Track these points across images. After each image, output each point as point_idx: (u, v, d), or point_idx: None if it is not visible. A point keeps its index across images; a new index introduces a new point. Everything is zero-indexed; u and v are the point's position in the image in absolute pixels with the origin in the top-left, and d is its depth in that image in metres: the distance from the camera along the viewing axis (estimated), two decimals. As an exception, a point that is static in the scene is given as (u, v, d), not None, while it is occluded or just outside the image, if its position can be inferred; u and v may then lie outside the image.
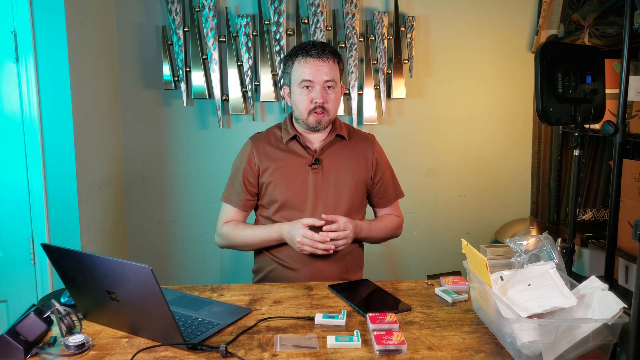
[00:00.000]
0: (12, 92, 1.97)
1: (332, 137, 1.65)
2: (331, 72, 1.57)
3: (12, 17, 1.94)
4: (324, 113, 1.58)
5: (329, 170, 1.64)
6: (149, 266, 1.02)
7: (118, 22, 2.56)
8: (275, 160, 1.64)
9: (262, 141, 1.68)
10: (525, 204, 2.84)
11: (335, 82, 1.60)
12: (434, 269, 2.79)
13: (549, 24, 2.57)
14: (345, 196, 1.63)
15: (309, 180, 1.62)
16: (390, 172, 1.77)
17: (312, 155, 1.64)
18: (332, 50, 1.59)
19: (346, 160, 1.66)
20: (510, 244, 1.34)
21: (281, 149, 1.65)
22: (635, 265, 1.96)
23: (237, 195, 1.68)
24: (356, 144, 1.70)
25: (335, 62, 1.60)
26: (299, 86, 1.58)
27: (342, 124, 1.72)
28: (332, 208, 1.62)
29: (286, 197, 1.61)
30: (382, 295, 1.42)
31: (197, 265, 2.74)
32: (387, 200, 1.75)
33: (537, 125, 2.75)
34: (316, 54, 1.56)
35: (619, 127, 1.48)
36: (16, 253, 2.04)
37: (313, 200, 1.61)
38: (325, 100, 1.57)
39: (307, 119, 1.59)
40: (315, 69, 1.56)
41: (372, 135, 1.77)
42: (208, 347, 1.11)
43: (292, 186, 1.62)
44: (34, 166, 2.00)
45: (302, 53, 1.57)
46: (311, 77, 1.56)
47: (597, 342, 1.03)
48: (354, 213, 1.66)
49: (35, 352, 1.09)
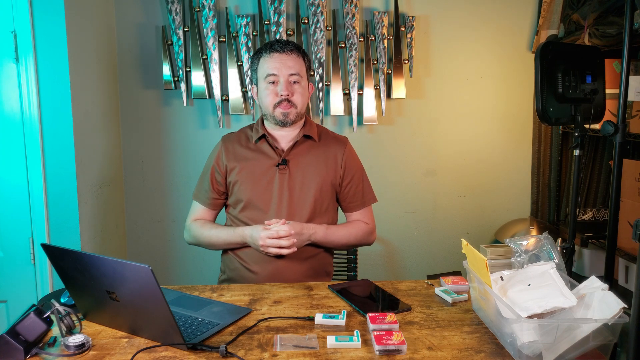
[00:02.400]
0: (12, 92, 1.97)
1: (300, 137, 1.64)
2: (295, 65, 1.58)
3: (12, 17, 1.94)
4: (290, 106, 1.58)
5: (296, 171, 1.62)
6: (149, 266, 1.02)
7: (118, 22, 2.56)
8: (243, 159, 1.64)
9: (232, 141, 1.69)
10: (525, 204, 2.84)
11: (301, 76, 1.60)
12: (434, 269, 2.79)
13: (549, 24, 2.57)
14: (309, 198, 1.61)
15: (274, 181, 1.61)
16: (361, 176, 1.72)
17: (279, 155, 1.63)
18: (295, 45, 1.62)
19: (314, 162, 1.64)
20: (510, 244, 1.34)
21: (250, 149, 1.65)
22: (635, 265, 1.96)
23: (205, 193, 1.69)
24: (326, 146, 1.68)
25: (299, 56, 1.61)
26: (265, 81, 1.59)
27: (312, 125, 1.70)
28: (296, 209, 1.60)
29: (251, 196, 1.61)
30: (382, 295, 1.42)
31: (197, 265, 2.74)
32: (356, 205, 1.71)
33: (537, 125, 2.75)
34: (279, 48, 1.58)
35: (619, 127, 1.48)
36: (16, 253, 2.03)
37: (277, 201, 1.60)
38: (290, 92, 1.58)
39: (273, 112, 1.59)
40: (280, 62, 1.57)
41: (345, 138, 1.74)
42: (208, 347, 1.11)
43: (257, 186, 1.61)
44: (34, 166, 2.00)
45: (266, 49, 1.60)
46: (275, 70, 1.57)
47: (597, 342, 1.03)
48: (319, 215, 1.64)
49: (35, 352, 1.09)
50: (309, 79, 1.68)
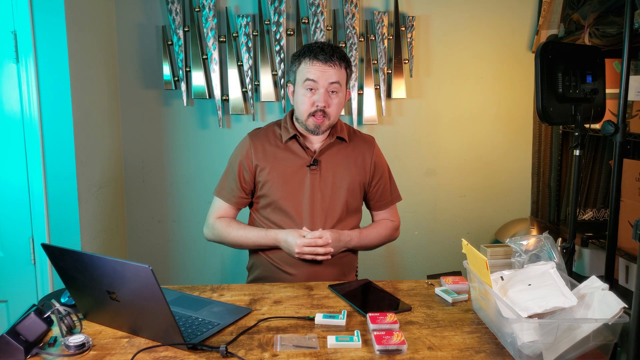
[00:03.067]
0: (12, 92, 1.97)
1: (332, 139, 1.63)
2: (337, 75, 1.55)
3: (12, 17, 1.94)
4: (324, 118, 1.55)
5: (327, 172, 1.62)
6: (149, 266, 1.02)
7: (118, 22, 2.56)
8: (273, 159, 1.62)
9: (260, 138, 1.65)
10: (525, 203, 2.84)
11: (341, 85, 1.56)
12: (434, 269, 2.79)
13: (549, 23, 2.57)
14: (341, 198, 1.62)
15: (306, 181, 1.60)
16: (389, 175, 1.75)
17: (311, 155, 1.62)
18: (340, 56, 1.56)
19: (344, 162, 1.64)
20: (511, 243, 1.34)
21: (280, 148, 1.63)
22: (635, 265, 1.96)
23: (230, 191, 1.66)
24: (355, 146, 1.68)
25: (342, 67, 1.57)
26: (303, 86, 1.56)
27: (343, 126, 1.69)
28: (328, 210, 1.61)
29: (282, 196, 1.60)
30: (382, 295, 1.42)
31: (197, 265, 2.74)
32: (384, 204, 1.74)
33: (537, 125, 2.75)
34: (324, 59, 1.53)
35: (619, 127, 1.48)
36: (16, 253, 2.03)
37: (309, 201, 1.60)
38: (327, 104, 1.55)
39: (306, 121, 1.57)
40: (321, 72, 1.53)
41: (372, 138, 1.74)
42: (208, 347, 1.11)
43: (288, 186, 1.60)
44: (34, 166, 2.00)
45: (310, 55, 1.55)
46: (315, 78, 1.53)
47: (597, 342, 1.03)
48: (350, 215, 1.65)
49: (36, 352, 1.09)
50: (348, 86, 1.65)
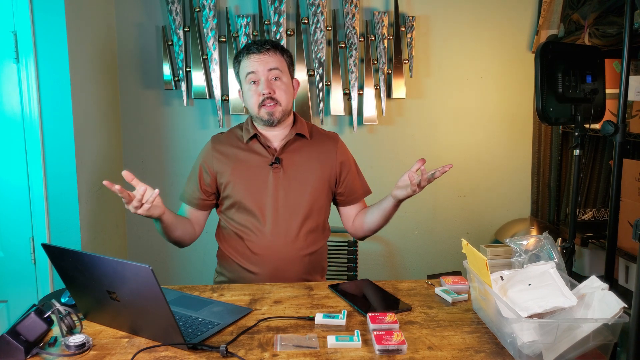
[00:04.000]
0: (13, 92, 1.97)
1: (292, 136, 1.63)
2: (274, 61, 1.57)
3: (12, 17, 1.94)
4: (275, 104, 1.57)
5: (290, 170, 1.62)
6: (149, 266, 1.02)
7: (118, 22, 2.56)
8: (235, 160, 1.63)
9: (222, 141, 1.67)
10: (525, 203, 2.84)
11: (281, 71, 1.58)
12: (434, 269, 2.80)
13: (549, 23, 2.57)
14: (306, 195, 1.61)
15: (269, 180, 1.60)
16: (356, 169, 1.74)
17: (272, 154, 1.62)
18: (273, 44, 1.60)
19: (308, 159, 1.64)
20: (511, 243, 1.34)
21: (241, 149, 1.64)
22: (635, 265, 1.96)
23: (192, 193, 1.68)
24: (319, 143, 1.68)
25: (278, 53, 1.59)
26: (246, 82, 1.59)
27: (303, 123, 1.69)
28: (293, 207, 1.60)
29: (245, 196, 1.60)
30: (382, 295, 1.42)
31: (197, 265, 2.74)
32: (355, 198, 1.73)
33: (537, 125, 2.75)
34: (257, 49, 1.57)
35: (619, 127, 1.48)
36: (16, 253, 2.04)
37: (273, 200, 1.59)
38: (272, 90, 1.56)
39: (259, 113, 1.58)
40: (258, 61, 1.56)
41: (336, 134, 1.74)
42: (208, 347, 1.11)
43: (251, 186, 1.60)
44: (34, 166, 2.00)
45: (244, 52, 1.59)
46: (254, 69, 1.56)
47: (597, 342, 1.03)
48: (315, 212, 1.64)
49: (36, 352, 1.09)
50: (293, 75, 1.66)
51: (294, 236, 1.60)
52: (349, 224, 1.76)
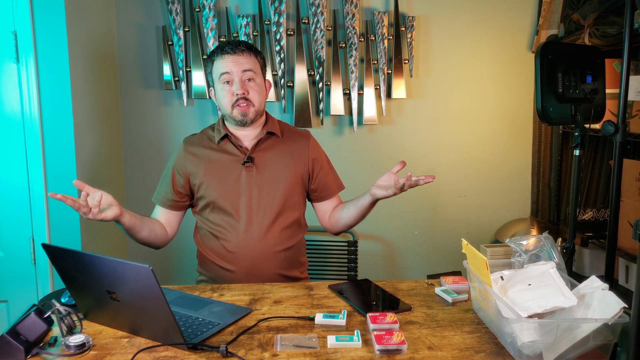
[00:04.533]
0: (13, 92, 1.97)
1: (263, 134, 1.64)
2: (248, 63, 1.58)
3: (12, 17, 1.94)
4: (248, 105, 1.58)
5: (262, 168, 1.63)
6: (149, 266, 1.02)
7: (118, 22, 2.56)
8: (207, 160, 1.64)
9: (194, 143, 1.68)
10: (525, 203, 2.84)
11: (255, 72, 1.59)
12: (434, 269, 2.80)
13: (549, 23, 2.57)
14: (278, 193, 1.62)
15: (241, 179, 1.61)
16: (328, 165, 1.76)
17: (244, 153, 1.63)
18: (247, 45, 1.61)
19: (280, 157, 1.65)
20: (511, 243, 1.34)
21: (213, 149, 1.65)
22: (635, 265, 1.96)
23: (164, 194, 1.68)
24: (290, 141, 1.69)
25: (252, 55, 1.60)
26: (220, 82, 1.59)
27: (275, 121, 1.70)
28: (266, 205, 1.61)
29: (219, 196, 1.61)
30: (382, 295, 1.42)
31: (197, 265, 2.74)
32: (329, 194, 1.74)
33: (537, 125, 2.75)
34: (230, 50, 1.57)
35: (619, 127, 1.48)
36: (17, 253, 2.04)
37: (246, 198, 1.61)
38: (245, 91, 1.57)
39: (232, 113, 1.59)
40: (232, 62, 1.57)
41: (307, 131, 1.76)
42: (208, 347, 1.11)
43: (224, 185, 1.61)
44: (35, 166, 2.00)
45: (218, 51, 1.60)
46: (228, 69, 1.57)
47: (597, 342, 1.03)
48: (289, 209, 1.65)
49: (36, 352, 1.09)
50: (265, 76, 1.67)
51: (268, 233, 1.61)
52: (324, 219, 1.77)
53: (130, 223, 1.54)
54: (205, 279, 1.69)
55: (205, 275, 1.69)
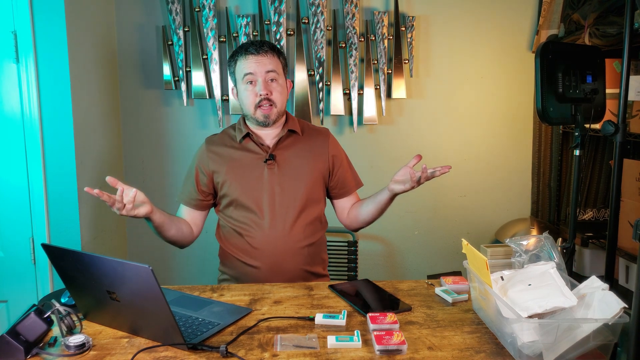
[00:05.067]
0: (13, 92, 1.97)
1: (284, 132, 1.67)
2: (271, 63, 1.60)
3: (12, 17, 1.94)
4: (271, 106, 1.60)
5: (284, 165, 1.65)
6: (149, 266, 1.02)
7: (118, 22, 2.56)
8: (229, 159, 1.66)
9: (216, 142, 1.71)
10: (525, 203, 2.84)
11: (278, 73, 1.62)
12: (434, 269, 2.79)
13: (549, 23, 2.57)
14: (301, 189, 1.64)
15: (264, 176, 1.63)
16: (347, 162, 1.79)
17: (266, 151, 1.65)
18: (270, 45, 1.63)
19: (301, 154, 1.68)
20: (511, 243, 1.34)
21: (235, 148, 1.67)
22: (635, 265, 1.96)
23: (189, 194, 1.71)
24: (310, 138, 1.72)
25: (275, 55, 1.63)
26: (243, 82, 1.61)
27: (295, 120, 1.73)
28: (289, 202, 1.63)
29: (242, 193, 1.63)
30: (382, 295, 1.42)
31: (197, 265, 2.74)
32: (348, 190, 1.77)
33: (537, 125, 2.75)
34: (255, 50, 1.60)
35: (619, 127, 1.48)
36: (16, 253, 2.03)
37: (269, 195, 1.62)
38: (269, 91, 1.59)
39: (254, 114, 1.61)
40: (256, 63, 1.59)
41: (326, 129, 1.79)
42: (208, 347, 1.11)
43: (247, 183, 1.63)
44: (34, 166, 2.00)
45: (242, 52, 1.62)
46: (252, 70, 1.59)
47: (597, 342, 1.03)
48: (311, 206, 1.67)
49: (36, 352, 1.09)
50: (286, 76, 1.70)
51: (292, 229, 1.63)
52: (343, 216, 1.79)
53: (160, 221, 1.57)
54: (228, 278, 1.70)
55: (228, 273, 1.70)
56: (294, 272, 1.63)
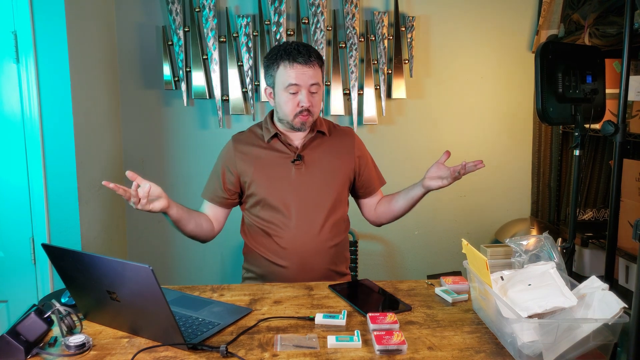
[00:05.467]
0: (13, 92, 1.97)
1: (313, 134, 1.68)
2: (316, 76, 1.61)
3: (12, 17, 1.94)
4: (309, 115, 1.61)
5: (312, 166, 1.67)
6: (149, 266, 1.02)
7: (118, 22, 2.56)
8: (257, 159, 1.67)
9: (243, 141, 1.71)
10: (525, 203, 2.84)
11: (319, 85, 1.63)
12: (434, 269, 2.79)
13: (549, 23, 2.57)
14: (328, 190, 1.67)
15: (291, 177, 1.65)
16: (372, 162, 1.82)
17: (294, 152, 1.67)
18: (317, 56, 1.62)
19: (328, 155, 1.70)
20: (511, 243, 1.34)
21: (263, 148, 1.68)
22: (635, 265, 1.96)
23: (214, 191, 1.71)
24: (337, 139, 1.74)
25: (318, 66, 1.63)
26: (286, 90, 1.60)
27: (322, 121, 1.74)
28: (317, 201, 1.65)
29: (269, 193, 1.64)
30: (382, 295, 1.42)
31: (197, 265, 2.74)
32: (372, 189, 1.81)
33: (537, 125, 2.75)
34: (303, 61, 1.57)
35: (619, 127, 1.48)
36: (17, 253, 2.03)
37: (296, 196, 1.64)
38: (311, 104, 1.60)
39: (292, 121, 1.62)
40: (302, 74, 1.58)
41: (351, 129, 1.82)
42: (208, 347, 1.11)
43: (275, 183, 1.65)
44: (34, 166, 2.00)
45: (289, 58, 1.58)
46: (298, 81, 1.58)
47: (597, 342, 1.03)
48: (338, 206, 1.70)
49: (36, 352, 1.09)
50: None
51: (320, 229, 1.65)
52: (370, 213, 1.84)
53: (178, 216, 1.57)
54: (254, 276, 1.72)
55: (254, 272, 1.72)
56: (320, 272, 1.65)
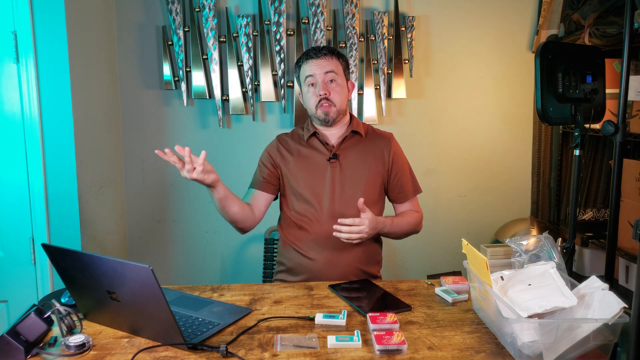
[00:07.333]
0: (13, 92, 1.97)
1: (348, 133, 1.75)
2: (330, 65, 1.70)
3: (12, 17, 1.94)
4: (330, 105, 1.69)
5: (346, 165, 1.74)
6: (149, 266, 1.02)
7: (118, 22, 2.56)
8: (297, 154, 1.77)
9: (286, 138, 1.83)
10: (525, 203, 2.84)
11: (337, 73, 1.71)
12: (434, 269, 2.79)
13: (549, 23, 2.57)
14: (361, 189, 1.72)
15: (327, 174, 1.72)
16: (408, 168, 1.85)
17: (330, 150, 1.74)
18: (329, 49, 1.74)
19: (363, 156, 1.76)
20: (511, 243, 1.34)
21: (303, 145, 1.78)
22: (635, 265, 1.96)
23: (259, 179, 1.79)
24: (373, 141, 1.80)
25: (334, 57, 1.73)
26: (305, 84, 1.73)
27: (359, 122, 1.82)
28: (349, 200, 1.70)
29: (305, 187, 1.72)
30: (382, 295, 1.42)
31: (197, 265, 2.74)
32: (405, 196, 1.82)
33: (537, 125, 2.75)
34: (315, 55, 1.72)
35: (619, 127, 1.48)
36: (17, 253, 2.04)
37: (330, 192, 1.71)
38: (327, 91, 1.69)
39: (316, 113, 1.72)
40: (315, 65, 1.71)
41: (390, 133, 1.85)
42: (208, 347, 1.11)
43: (311, 178, 1.73)
44: (34, 166, 2.00)
45: (304, 57, 1.74)
46: (312, 72, 1.70)
47: (597, 342, 1.03)
48: (371, 206, 1.72)
49: (36, 352, 1.09)
50: (349, 77, 1.79)
51: None
52: None
53: (224, 193, 1.60)
54: (284, 269, 1.77)
55: (284, 264, 1.77)
56: (348, 269, 1.69)
